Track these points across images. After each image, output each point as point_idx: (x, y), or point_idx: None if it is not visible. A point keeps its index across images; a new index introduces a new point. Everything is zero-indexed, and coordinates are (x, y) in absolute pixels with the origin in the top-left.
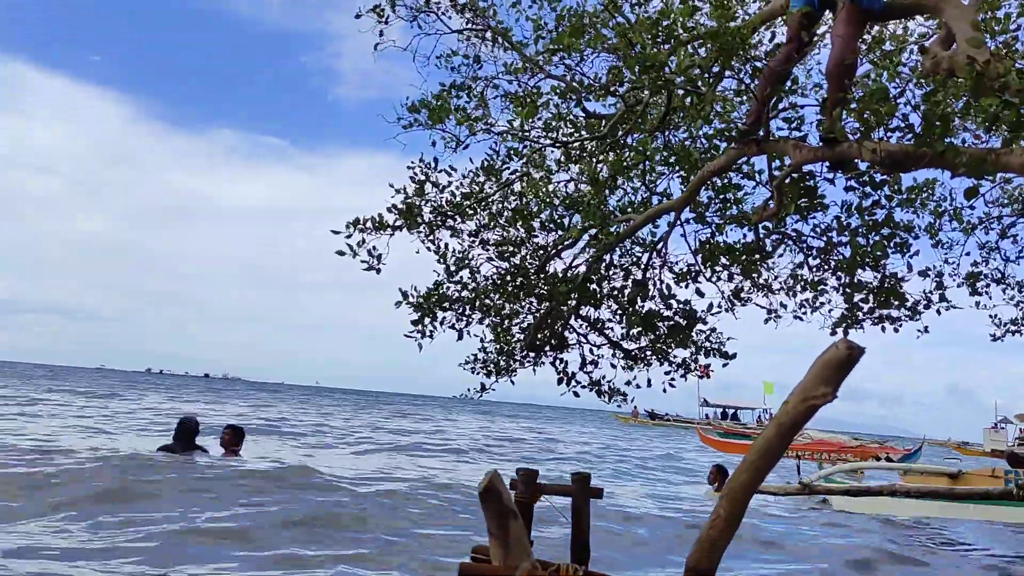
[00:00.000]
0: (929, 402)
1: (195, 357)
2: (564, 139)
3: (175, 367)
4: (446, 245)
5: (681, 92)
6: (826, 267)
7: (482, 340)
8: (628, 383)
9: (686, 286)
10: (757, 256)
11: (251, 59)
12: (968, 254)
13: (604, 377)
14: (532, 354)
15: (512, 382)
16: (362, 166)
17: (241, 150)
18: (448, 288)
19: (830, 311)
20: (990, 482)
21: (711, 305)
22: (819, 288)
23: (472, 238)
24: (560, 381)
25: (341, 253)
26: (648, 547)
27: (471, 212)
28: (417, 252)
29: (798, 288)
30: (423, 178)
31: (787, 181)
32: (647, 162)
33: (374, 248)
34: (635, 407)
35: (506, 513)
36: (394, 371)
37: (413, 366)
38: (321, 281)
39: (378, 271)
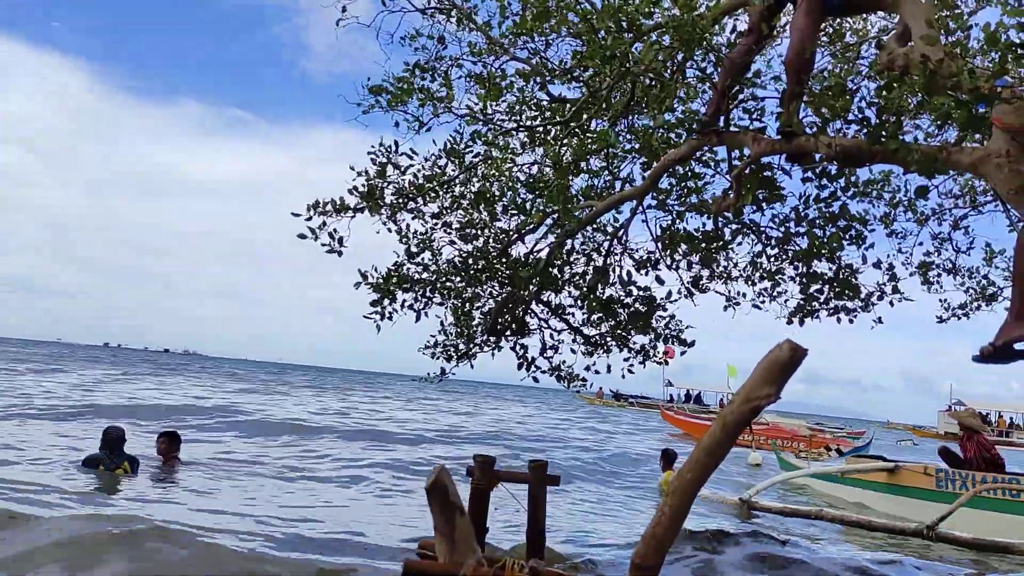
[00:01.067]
0: (887, 386)
1: (158, 332)
2: (528, 123)
3: (135, 342)
4: (407, 226)
5: (645, 81)
6: (784, 257)
7: (442, 323)
8: (588, 368)
9: (646, 273)
10: (716, 245)
11: (219, 30)
12: (921, 244)
13: (564, 362)
14: (492, 338)
15: (472, 366)
16: (330, 140)
17: (208, 122)
18: (409, 269)
19: (786, 301)
20: (921, 480)
21: (670, 293)
22: (776, 278)
23: (434, 220)
24: (520, 366)
25: (303, 236)
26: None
27: (433, 195)
28: (378, 232)
29: (756, 277)
30: (384, 160)
31: (746, 172)
32: (610, 148)
33: (335, 231)
34: (600, 388)
35: (452, 509)
36: (358, 348)
37: (376, 345)
38: (287, 256)
39: (340, 254)
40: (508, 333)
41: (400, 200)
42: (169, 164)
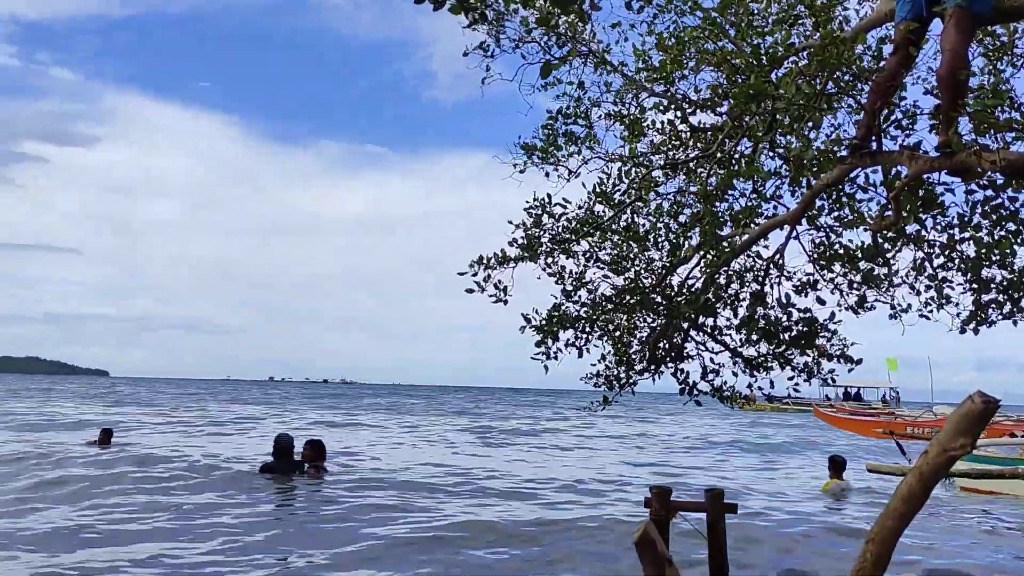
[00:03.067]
0: None
1: (316, 365)
2: (672, 159)
3: (295, 375)
4: (562, 268)
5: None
6: (950, 265)
7: (603, 355)
8: (750, 387)
9: (805, 295)
10: (877, 262)
11: (348, 71)
12: None
13: (725, 383)
14: (652, 366)
15: (633, 393)
16: (459, 165)
17: (345, 161)
18: (567, 308)
19: (958, 313)
20: None
21: (833, 314)
22: (943, 287)
23: (587, 258)
24: (682, 391)
25: (470, 291)
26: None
27: (587, 236)
28: (539, 279)
29: (921, 287)
30: (539, 212)
31: (904, 191)
32: (757, 176)
33: (499, 282)
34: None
35: (661, 562)
36: (504, 367)
37: (522, 363)
38: (431, 283)
39: (505, 303)
40: (667, 360)
41: (556, 246)
42: (313, 204)
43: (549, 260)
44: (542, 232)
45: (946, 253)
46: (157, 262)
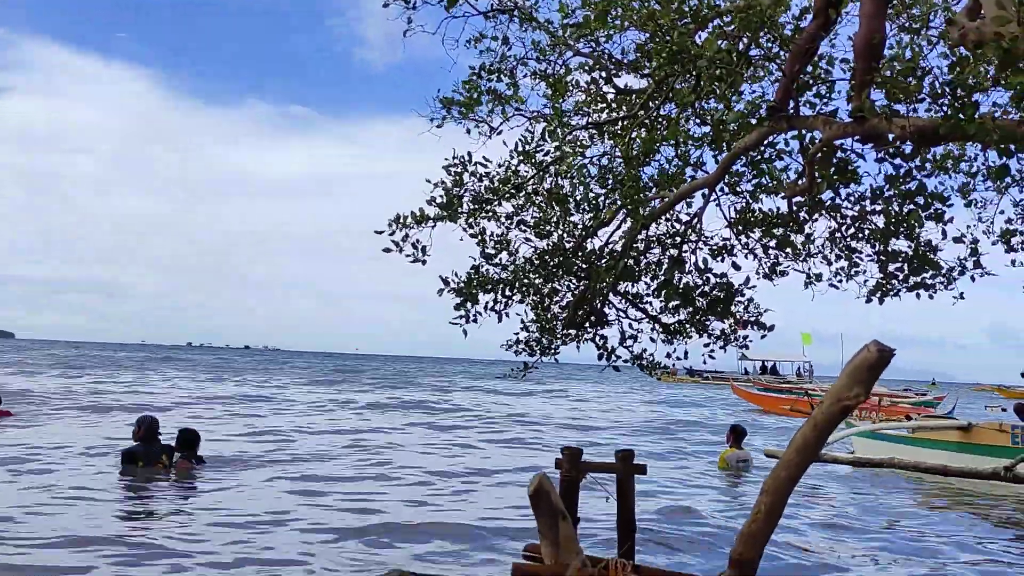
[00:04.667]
0: (970, 345)
1: (237, 329)
2: (596, 117)
3: (216, 340)
4: (483, 229)
5: (711, 71)
6: (860, 236)
7: (523, 320)
8: (668, 356)
9: (722, 260)
10: (791, 227)
11: (275, 27)
12: (1003, 212)
13: (644, 351)
14: (573, 331)
15: (556, 361)
16: (390, 131)
17: (272, 121)
18: (487, 271)
19: (865, 281)
20: (997, 437)
21: (748, 279)
22: (853, 257)
23: (509, 220)
24: (601, 356)
25: (387, 250)
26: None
27: (509, 196)
28: (461, 240)
29: (832, 256)
30: (460, 171)
31: (818, 156)
32: (680, 137)
33: (418, 241)
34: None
35: (555, 513)
36: (430, 335)
37: (448, 331)
38: (358, 248)
39: (423, 263)
40: (587, 325)
41: (477, 206)
42: (239, 165)
43: (471, 221)
44: (463, 191)
45: (857, 224)
46: (70, 220)
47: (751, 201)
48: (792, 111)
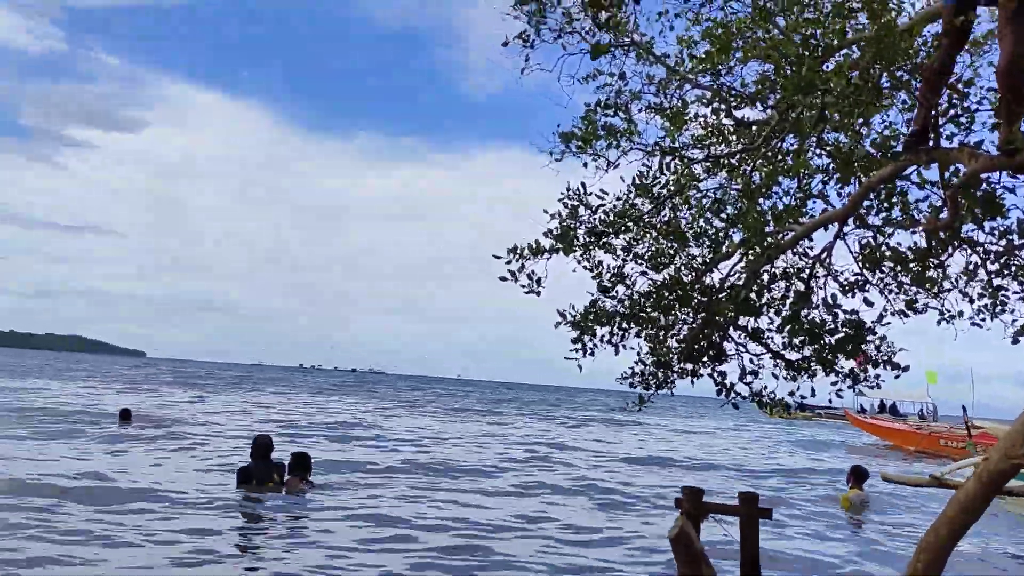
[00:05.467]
0: None
1: (343, 352)
2: (714, 154)
3: (325, 363)
4: (600, 263)
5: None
6: (1006, 272)
7: (639, 354)
8: (791, 393)
9: (852, 296)
10: (929, 263)
11: (385, 60)
12: None
13: (765, 388)
14: (690, 366)
15: (672, 394)
16: (495, 160)
17: (380, 151)
18: (604, 304)
19: (1013, 320)
20: None
21: (881, 315)
22: (999, 295)
23: (625, 253)
24: (720, 392)
25: (503, 279)
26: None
27: (625, 229)
28: (574, 271)
29: (975, 293)
30: (576, 203)
31: (961, 190)
32: (804, 171)
33: (533, 272)
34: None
35: (697, 560)
36: (538, 362)
37: (555, 359)
38: (464, 273)
39: (538, 294)
40: (705, 359)
41: (593, 238)
42: (346, 192)
43: (585, 254)
44: (578, 224)
45: (1002, 260)
46: (195, 245)
47: (880, 235)
48: (932, 143)
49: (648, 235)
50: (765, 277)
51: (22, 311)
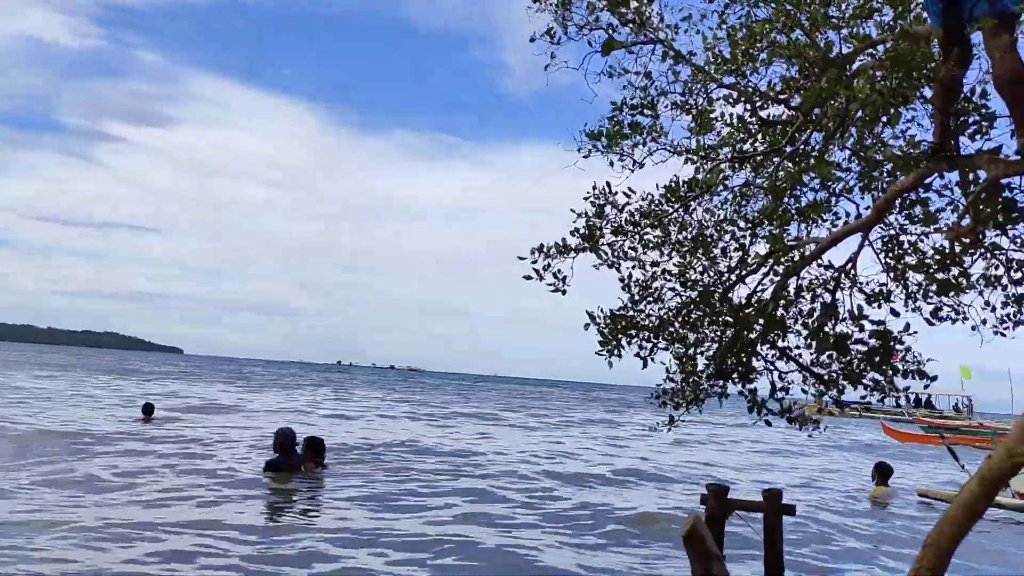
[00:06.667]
0: None
1: (379, 349)
2: (740, 152)
3: (362, 360)
4: (629, 275)
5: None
6: None
7: (667, 370)
8: (820, 411)
9: (879, 306)
10: (953, 271)
11: (424, 59)
12: None
13: (795, 403)
14: (720, 382)
15: (700, 412)
16: (531, 157)
17: (419, 148)
18: (631, 315)
19: None
20: None
21: (908, 325)
22: (1022, 304)
23: (654, 268)
24: (751, 409)
25: (528, 278)
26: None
27: (651, 229)
28: (596, 268)
29: (997, 302)
30: (602, 202)
31: (983, 196)
32: (828, 171)
33: (559, 271)
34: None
35: (710, 558)
36: (577, 359)
37: (581, 356)
38: (503, 272)
39: (564, 292)
40: (735, 376)
41: (619, 239)
42: (386, 190)
43: (614, 264)
44: (604, 223)
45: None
46: (231, 243)
47: (902, 235)
48: (952, 150)
49: (676, 250)
50: (791, 290)
51: (60, 309)
